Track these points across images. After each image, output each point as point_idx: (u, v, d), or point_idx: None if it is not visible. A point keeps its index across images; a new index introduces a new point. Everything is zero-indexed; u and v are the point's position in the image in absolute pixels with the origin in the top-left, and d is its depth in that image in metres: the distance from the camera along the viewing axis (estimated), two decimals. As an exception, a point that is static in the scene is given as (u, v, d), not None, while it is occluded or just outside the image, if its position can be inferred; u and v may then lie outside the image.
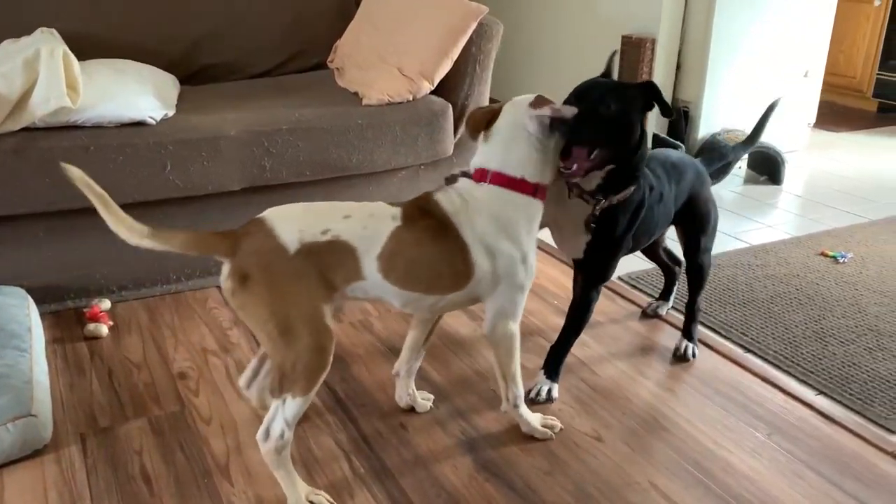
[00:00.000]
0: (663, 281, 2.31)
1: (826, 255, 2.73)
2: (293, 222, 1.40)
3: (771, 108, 2.16)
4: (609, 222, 1.69)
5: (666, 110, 1.61)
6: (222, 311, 2.21)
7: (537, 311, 2.28)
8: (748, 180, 3.67)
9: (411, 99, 2.49)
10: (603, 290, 2.37)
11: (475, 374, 1.94)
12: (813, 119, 4.12)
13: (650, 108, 1.61)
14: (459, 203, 1.52)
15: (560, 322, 1.91)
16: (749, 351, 2.10)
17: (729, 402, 1.85)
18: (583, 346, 2.09)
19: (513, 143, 1.53)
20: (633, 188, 1.67)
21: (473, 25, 2.49)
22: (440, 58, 2.50)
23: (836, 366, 2.02)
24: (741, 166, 3.74)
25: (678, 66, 3.71)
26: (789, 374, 1.99)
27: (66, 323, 2.12)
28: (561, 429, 1.73)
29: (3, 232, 2.05)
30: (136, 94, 2.19)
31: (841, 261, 2.69)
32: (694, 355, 2.04)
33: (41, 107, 1.97)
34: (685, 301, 2.09)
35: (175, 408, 1.77)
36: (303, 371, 1.37)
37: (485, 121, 1.58)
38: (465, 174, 1.61)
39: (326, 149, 2.34)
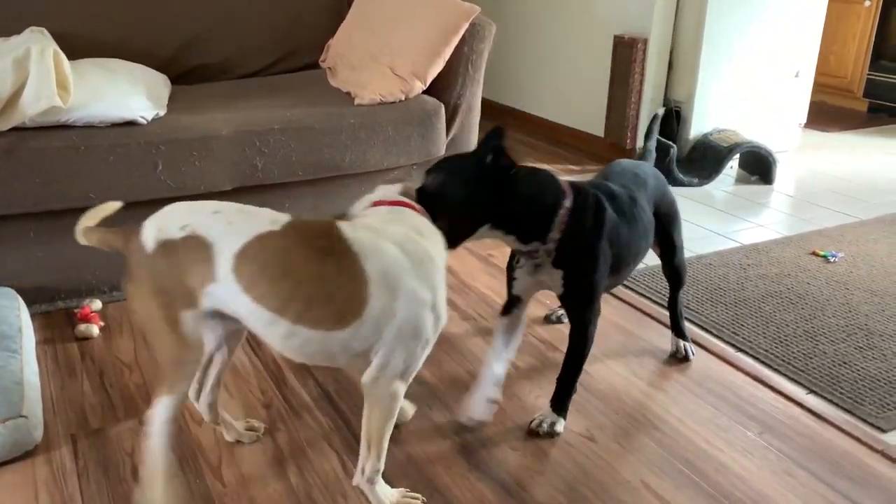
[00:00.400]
0: (662, 281, 2.32)
1: (817, 255, 2.75)
2: (158, 221, 1.32)
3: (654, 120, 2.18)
4: (573, 248, 1.62)
5: (497, 157, 1.52)
6: (214, 312, 2.21)
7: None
8: (739, 180, 3.69)
9: (404, 99, 2.49)
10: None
11: (467, 374, 1.94)
12: (804, 119, 4.14)
13: (503, 168, 1.52)
14: (367, 229, 1.34)
15: (555, 324, 1.92)
16: (740, 350, 2.11)
17: (720, 401, 1.86)
18: (575, 346, 2.09)
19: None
20: (562, 212, 1.58)
21: (466, 25, 2.50)
22: (432, 58, 2.50)
23: (827, 365, 2.03)
24: (733, 166, 3.76)
25: (670, 66, 3.72)
26: (780, 373, 2.00)
27: (56, 323, 2.11)
28: (423, 502, 1.50)
29: (-7, 232, 2.04)
30: (127, 93, 2.18)
31: (832, 260, 2.70)
32: (693, 354, 2.05)
33: (31, 106, 1.96)
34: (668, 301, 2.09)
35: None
36: (164, 371, 1.34)
37: None
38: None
39: (319, 149, 2.34)
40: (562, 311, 2.24)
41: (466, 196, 1.52)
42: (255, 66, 2.89)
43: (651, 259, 2.66)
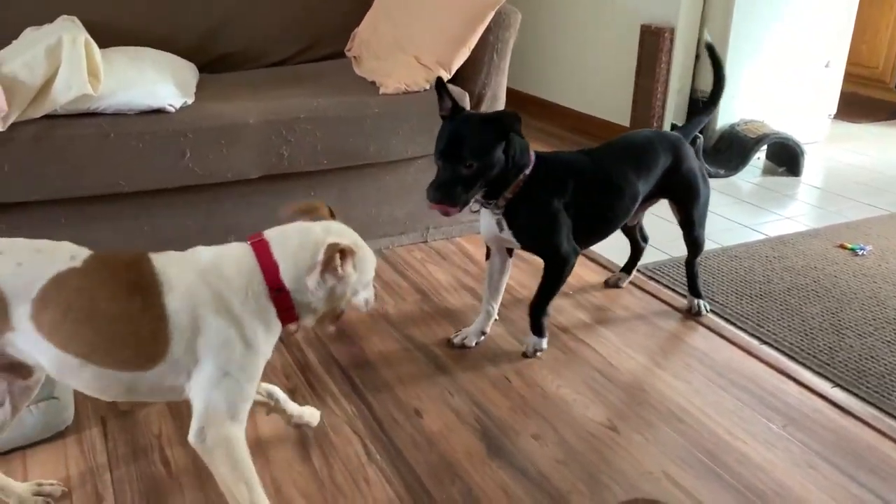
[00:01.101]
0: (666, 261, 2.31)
1: (845, 248, 2.71)
2: None
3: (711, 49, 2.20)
4: (522, 210, 1.81)
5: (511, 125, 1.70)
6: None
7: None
8: (766, 171, 3.65)
9: (428, 88, 2.49)
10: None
11: (488, 361, 1.95)
12: (834, 110, 4.08)
13: (510, 131, 1.70)
14: (175, 262, 1.24)
15: (577, 312, 1.92)
16: (765, 343, 2.09)
17: (744, 393, 1.85)
18: (599, 337, 2.09)
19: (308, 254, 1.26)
20: (521, 178, 1.77)
21: (491, 14, 2.49)
22: (457, 47, 2.50)
23: (853, 358, 2.01)
24: (760, 157, 3.72)
25: (697, 56, 3.68)
26: (805, 366, 1.98)
27: (86, 308, 2.15)
28: None
29: (24, 218, 2.08)
30: (155, 81, 2.21)
31: (860, 253, 2.67)
32: (707, 309, 2.21)
33: (63, 94, 1.99)
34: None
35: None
36: None
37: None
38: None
39: (343, 137, 2.35)
40: (620, 275, 2.41)
41: (496, 170, 1.72)
42: (281, 54, 2.91)
43: (675, 251, 2.65)
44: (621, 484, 1.54)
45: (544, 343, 1.98)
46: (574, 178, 1.85)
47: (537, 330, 1.97)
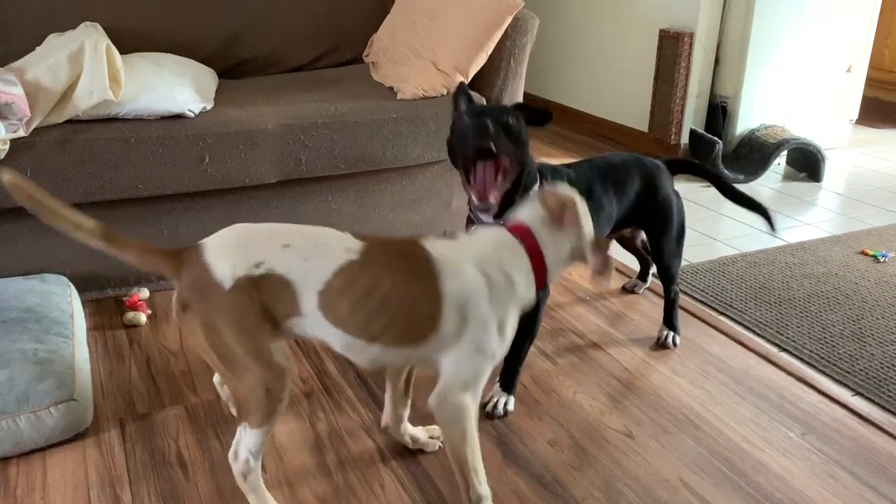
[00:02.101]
0: (705, 279, 2.28)
1: (866, 255, 2.68)
2: (227, 255, 1.28)
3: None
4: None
5: (542, 116, 1.65)
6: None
7: (566, 304, 2.28)
8: (787, 177, 3.62)
9: (445, 93, 2.50)
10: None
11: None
12: (855, 115, 4.03)
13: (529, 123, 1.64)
14: (449, 249, 1.36)
15: (594, 318, 1.91)
16: (784, 350, 2.07)
17: (762, 401, 1.83)
18: (615, 343, 2.08)
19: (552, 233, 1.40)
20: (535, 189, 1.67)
21: (509, 19, 2.49)
22: (475, 52, 2.50)
23: (875, 367, 1.98)
24: (780, 163, 3.69)
25: (716, 61, 3.66)
26: (825, 374, 1.96)
27: (106, 311, 2.18)
28: None
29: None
30: (175, 87, 2.23)
31: (882, 260, 2.64)
32: (675, 343, 2.07)
33: (85, 100, 2.02)
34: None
35: (210, 396, 1.81)
36: (255, 405, 1.30)
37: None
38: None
39: (361, 143, 2.36)
40: (636, 282, 2.38)
41: (526, 147, 1.62)
42: (299, 60, 2.93)
43: (694, 257, 2.64)
44: (637, 491, 1.53)
45: (512, 401, 1.78)
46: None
47: (509, 384, 1.77)
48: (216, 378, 1.64)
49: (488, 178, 1.56)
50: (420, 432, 1.64)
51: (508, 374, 1.78)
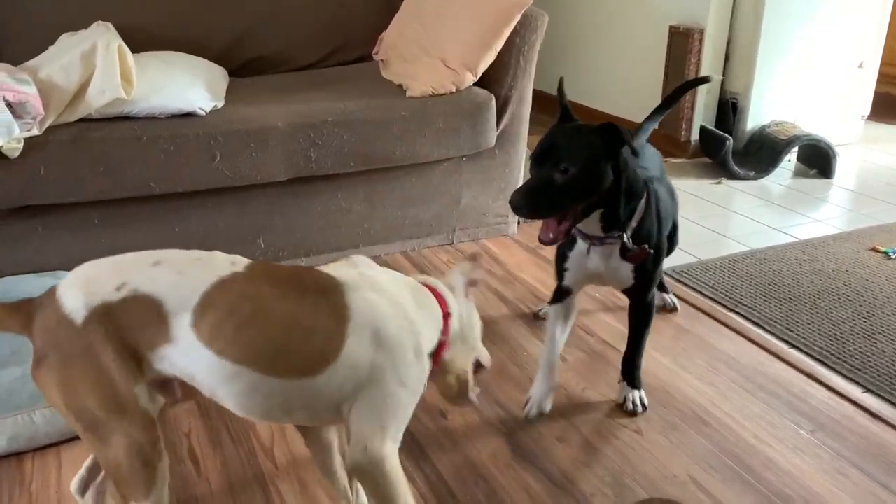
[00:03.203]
0: (715, 276, 2.29)
1: (877, 251, 2.67)
2: (81, 285, 1.08)
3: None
4: (643, 240, 1.60)
5: (632, 151, 1.46)
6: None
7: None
8: (797, 174, 3.60)
9: (454, 91, 2.51)
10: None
11: (513, 364, 1.96)
12: (867, 111, 4.01)
13: (620, 144, 1.46)
14: (362, 274, 1.22)
15: (604, 316, 1.91)
16: (794, 346, 2.07)
17: (772, 397, 1.83)
18: (624, 340, 2.08)
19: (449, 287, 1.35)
20: (643, 202, 1.57)
21: (518, 16, 2.49)
22: (484, 49, 2.51)
23: (885, 364, 1.98)
24: (790, 159, 3.67)
25: (727, 57, 3.65)
26: (835, 370, 1.95)
27: (119, 308, 2.19)
28: None
29: (60, 219, 2.13)
30: (186, 86, 2.25)
31: (893, 257, 2.62)
32: (676, 305, 2.21)
33: (97, 98, 2.04)
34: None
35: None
36: (130, 473, 1.09)
37: None
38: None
39: (371, 140, 2.37)
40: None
41: (599, 182, 1.46)
42: (309, 58, 2.94)
43: (703, 254, 2.64)
44: (645, 487, 1.53)
45: (644, 394, 1.79)
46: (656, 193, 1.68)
47: (636, 381, 1.79)
48: (74, 485, 1.33)
49: (548, 223, 1.50)
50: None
51: (631, 369, 1.78)
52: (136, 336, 1.07)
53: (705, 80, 2.14)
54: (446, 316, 1.27)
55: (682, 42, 3.59)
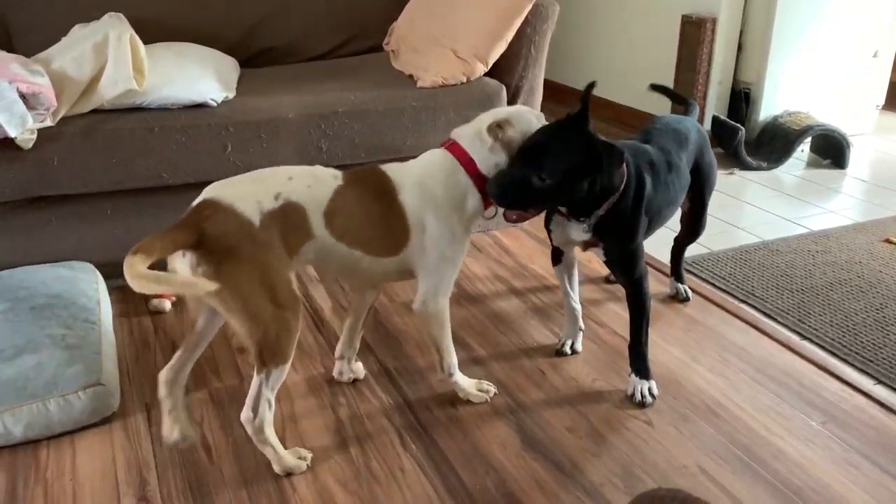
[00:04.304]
0: (727, 267, 2.28)
1: (891, 242, 2.65)
2: (246, 195, 1.40)
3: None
4: (612, 223, 1.66)
5: (608, 178, 1.57)
6: (279, 289, 2.27)
7: (587, 294, 2.28)
8: (810, 164, 3.58)
9: (465, 81, 2.50)
10: (658, 275, 2.37)
11: (523, 353, 1.96)
12: (882, 101, 3.97)
13: (605, 163, 1.53)
14: (403, 171, 1.58)
15: (614, 307, 1.90)
16: (806, 338, 2.06)
17: (783, 389, 1.83)
18: (634, 330, 2.08)
19: (479, 138, 1.60)
20: (616, 195, 1.63)
21: (529, 6, 2.48)
22: (495, 40, 2.50)
23: (897, 355, 1.97)
24: (803, 149, 3.64)
25: (739, 47, 3.62)
26: (847, 362, 1.95)
27: (131, 298, 2.21)
28: (496, 393, 1.79)
29: (73, 209, 2.15)
30: (198, 77, 2.25)
31: (906, 248, 2.61)
32: (690, 295, 2.24)
33: (109, 90, 2.05)
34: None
35: (234, 381, 1.84)
36: (285, 338, 1.41)
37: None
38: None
39: (381, 131, 2.37)
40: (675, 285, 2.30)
41: (571, 194, 1.57)
42: (320, 49, 2.94)
43: (715, 245, 2.63)
44: (655, 477, 1.53)
45: (655, 385, 1.79)
46: (649, 171, 1.72)
47: (644, 371, 1.78)
48: (164, 375, 1.50)
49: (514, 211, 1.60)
50: (359, 368, 1.86)
51: (637, 360, 1.78)
52: (290, 234, 1.42)
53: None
54: (475, 175, 1.58)
55: (694, 32, 3.56)
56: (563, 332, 2.00)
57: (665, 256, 2.33)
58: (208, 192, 1.42)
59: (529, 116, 1.63)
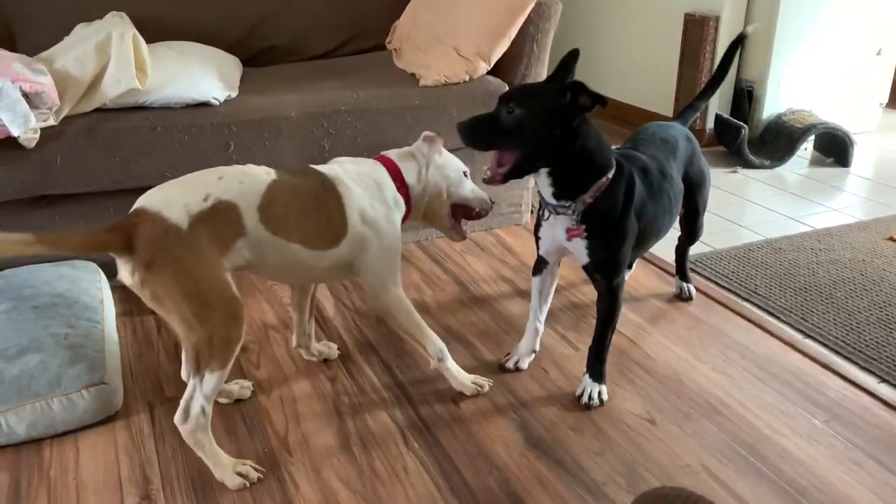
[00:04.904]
0: (730, 266, 2.27)
1: (894, 240, 2.64)
2: (174, 200, 1.41)
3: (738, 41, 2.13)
4: (599, 219, 1.61)
5: (599, 100, 1.49)
6: (282, 289, 2.28)
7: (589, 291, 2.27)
8: (814, 162, 3.57)
9: (468, 79, 2.50)
10: (660, 273, 2.37)
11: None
12: (885, 99, 3.96)
13: (581, 107, 1.49)
14: (336, 171, 1.63)
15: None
16: (809, 336, 2.06)
17: (786, 387, 1.82)
18: (637, 329, 2.08)
19: (409, 156, 1.79)
20: (603, 180, 1.58)
21: (531, 5, 2.48)
22: (498, 38, 2.50)
23: (901, 354, 1.96)
24: (807, 147, 3.64)
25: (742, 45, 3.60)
26: (851, 360, 1.94)
27: (134, 297, 2.17)
28: (490, 386, 1.79)
29: (76, 209, 2.15)
30: (200, 76, 2.25)
31: (910, 246, 2.60)
32: (693, 294, 2.24)
33: (112, 89, 2.05)
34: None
35: (237, 380, 1.84)
36: (220, 344, 1.40)
37: None
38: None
39: (384, 129, 2.37)
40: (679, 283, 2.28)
41: (543, 132, 1.50)
42: (322, 48, 2.94)
43: (718, 243, 2.62)
44: (659, 476, 1.53)
45: (605, 390, 1.78)
46: (641, 177, 1.69)
47: (599, 375, 1.77)
48: (184, 373, 1.71)
49: (493, 161, 1.57)
50: (322, 346, 1.93)
51: (595, 364, 1.76)
52: (223, 232, 1.44)
53: (743, 36, 2.14)
54: (401, 187, 1.71)
55: (697, 30, 3.56)
56: (516, 347, 1.91)
57: (668, 256, 2.33)
58: (140, 200, 1.44)
59: (448, 157, 1.87)
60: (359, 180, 1.63)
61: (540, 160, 1.54)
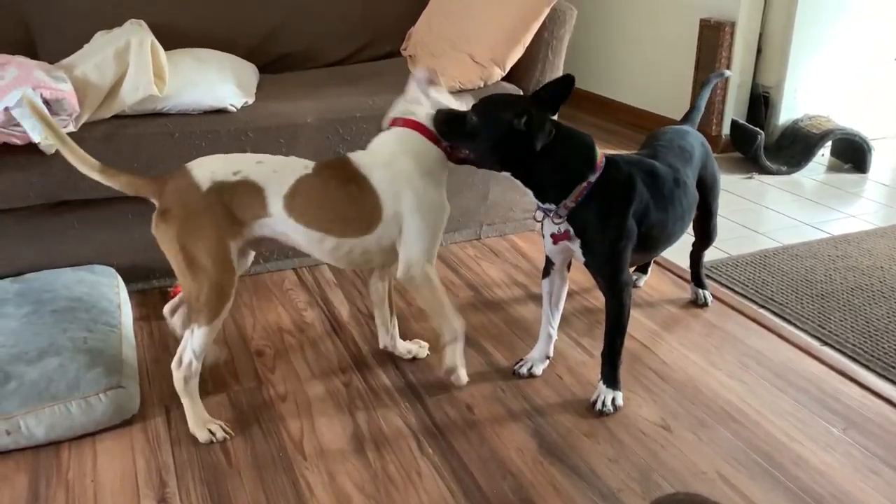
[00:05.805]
0: (746, 272, 2.26)
1: (913, 247, 2.62)
2: (208, 166, 1.59)
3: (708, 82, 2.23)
4: (590, 220, 1.64)
5: (545, 134, 1.57)
6: (298, 293, 2.29)
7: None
8: (831, 168, 3.54)
9: (482, 86, 2.50)
10: (675, 279, 2.36)
11: (542, 360, 1.96)
12: (904, 104, 3.93)
13: (532, 132, 1.56)
14: (370, 157, 1.68)
15: (631, 311, 1.89)
16: (826, 343, 2.04)
17: (802, 394, 1.81)
18: (652, 335, 2.07)
19: (417, 105, 1.77)
20: (584, 185, 1.61)
21: (546, 11, 2.48)
22: (512, 44, 2.50)
23: (920, 361, 1.94)
24: (824, 153, 3.61)
25: (759, 51, 3.59)
26: (869, 368, 1.93)
27: (151, 301, 2.23)
28: (467, 381, 1.84)
29: (95, 214, 2.17)
30: (217, 82, 2.27)
31: (929, 253, 2.58)
32: (710, 300, 2.23)
33: (130, 95, 2.07)
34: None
35: (252, 384, 1.85)
36: (205, 302, 1.56)
37: None
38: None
39: (399, 135, 2.38)
40: (637, 275, 2.34)
41: (493, 145, 1.61)
42: (338, 54, 2.95)
43: (734, 249, 2.61)
44: (674, 483, 1.53)
45: (620, 397, 1.78)
46: (649, 182, 1.70)
47: (613, 381, 1.77)
48: (167, 308, 1.85)
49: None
50: (411, 345, 1.97)
51: (609, 370, 1.76)
52: (242, 208, 1.58)
53: (721, 75, 2.29)
54: (436, 140, 1.70)
55: (712, 35, 3.55)
56: (529, 353, 1.92)
57: (684, 262, 2.32)
58: (195, 162, 1.62)
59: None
60: (391, 163, 1.66)
61: (494, 166, 1.66)
